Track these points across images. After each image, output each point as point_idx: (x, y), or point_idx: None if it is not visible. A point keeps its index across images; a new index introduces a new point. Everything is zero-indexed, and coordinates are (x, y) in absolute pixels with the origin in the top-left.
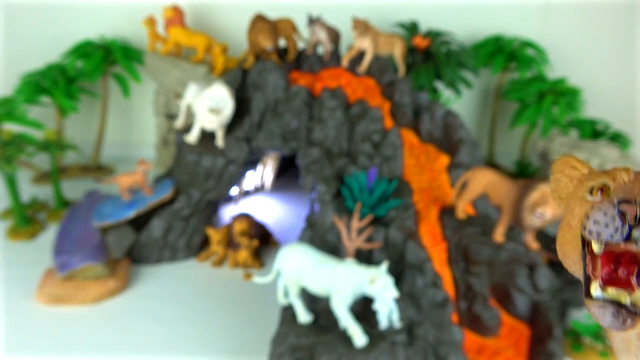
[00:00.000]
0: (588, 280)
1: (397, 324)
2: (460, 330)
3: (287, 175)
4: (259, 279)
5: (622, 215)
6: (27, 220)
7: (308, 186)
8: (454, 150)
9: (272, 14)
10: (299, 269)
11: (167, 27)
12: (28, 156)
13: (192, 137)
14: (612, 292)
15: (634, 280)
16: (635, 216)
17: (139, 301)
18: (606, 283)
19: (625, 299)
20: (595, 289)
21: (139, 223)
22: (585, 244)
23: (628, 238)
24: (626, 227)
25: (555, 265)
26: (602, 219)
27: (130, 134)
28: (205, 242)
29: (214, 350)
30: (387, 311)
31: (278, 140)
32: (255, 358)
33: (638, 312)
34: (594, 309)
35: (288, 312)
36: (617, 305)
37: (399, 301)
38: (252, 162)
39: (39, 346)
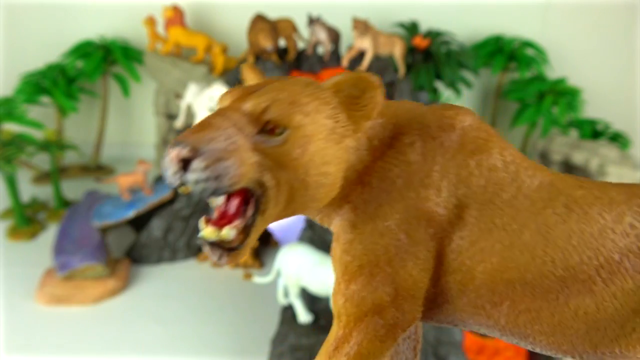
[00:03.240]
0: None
1: None
2: (460, 330)
3: None
4: (259, 279)
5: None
6: (27, 220)
7: None
8: None
9: (272, 14)
10: (299, 269)
11: (167, 27)
12: (28, 156)
13: None
14: (207, 231)
15: (238, 220)
16: (185, 159)
17: (139, 301)
18: (213, 222)
19: (212, 236)
20: (200, 229)
21: (139, 223)
22: None
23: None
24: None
25: None
26: (164, 161)
27: (130, 134)
28: None
29: (214, 350)
30: None
31: None
32: (255, 358)
33: (229, 247)
34: (203, 248)
35: (288, 312)
36: (213, 243)
37: None
38: None
39: (39, 346)
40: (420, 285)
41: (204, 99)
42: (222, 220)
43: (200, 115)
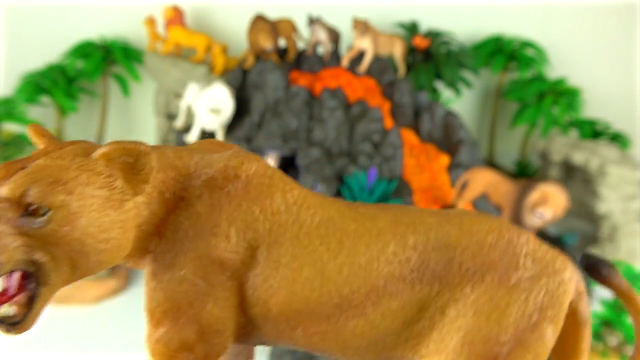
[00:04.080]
0: None
1: None
2: None
3: (287, 175)
4: None
5: None
6: None
7: (308, 186)
8: (454, 150)
9: (272, 14)
10: None
11: (167, 27)
12: None
13: (192, 137)
14: None
15: (18, 296)
16: None
17: (139, 301)
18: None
19: None
20: None
21: None
22: None
23: None
24: None
25: None
26: None
27: (130, 134)
28: None
29: None
30: None
31: (278, 140)
32: (255, 358)
33: (13, 322)
34: None
35: None
36: None
37: None
38: None
39: (39, 345)
40: (223, 321)
41: (204, 99)
42: (4, 297)
43: (200, 115)
